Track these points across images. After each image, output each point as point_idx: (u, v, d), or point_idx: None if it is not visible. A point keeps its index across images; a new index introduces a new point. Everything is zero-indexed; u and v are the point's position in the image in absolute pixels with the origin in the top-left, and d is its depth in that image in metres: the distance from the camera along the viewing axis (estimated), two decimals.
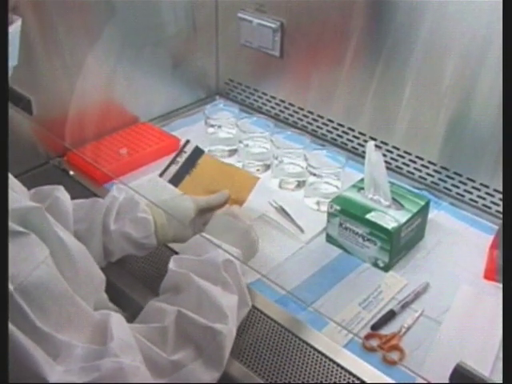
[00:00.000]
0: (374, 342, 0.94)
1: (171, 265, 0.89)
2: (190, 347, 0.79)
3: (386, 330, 0.97)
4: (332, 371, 0.87)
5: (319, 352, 0.89)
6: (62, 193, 0.99)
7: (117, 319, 0.73)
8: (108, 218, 0.98)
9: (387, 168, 1.13)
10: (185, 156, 1.19)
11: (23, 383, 0.65)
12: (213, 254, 0.89)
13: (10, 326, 0.62)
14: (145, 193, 1.00)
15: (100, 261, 0.97)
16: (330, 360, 0.88)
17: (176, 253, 1.03)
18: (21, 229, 0.66)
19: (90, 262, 0.78)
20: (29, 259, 0.65)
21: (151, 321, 0.80)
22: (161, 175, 1.18)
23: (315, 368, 0.87)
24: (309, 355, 0.89)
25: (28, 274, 0.64)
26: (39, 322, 0.64)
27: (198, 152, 1.20)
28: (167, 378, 0.75)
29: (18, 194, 0.79)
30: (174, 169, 1.18)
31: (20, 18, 0.79)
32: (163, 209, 1.00)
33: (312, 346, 0.90)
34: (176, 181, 1.17)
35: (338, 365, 0.88)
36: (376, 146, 1.18)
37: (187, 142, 1.21)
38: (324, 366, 0.87)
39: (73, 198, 1.17)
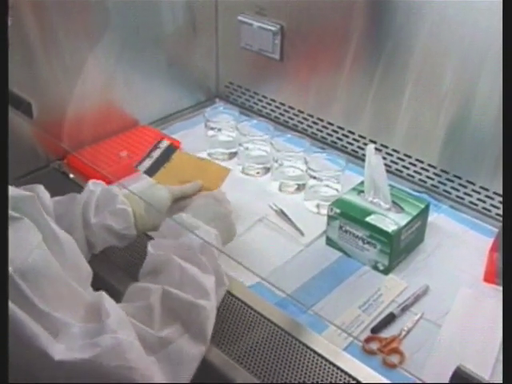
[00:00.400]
0: (374, 345, 0.94)
1: (150, 249, 0.92)
2: (177, 323, 0.81)
3: (385, 333, 0.97)
4: (332, 374, 0.86)
5: (319, 355, 0.89)
6: (41, 191, 1.01)
7: (108, 298, 0.76)
8: (88, 212, 0.99)
9: (387, 171, 1.13)
10: (159, 151, 1.23)
11: (27, 361, 0.67)
12: (189, 237, 0.92)
13: (13, 307, 0.64)
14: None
15: (85, 255, 0.97)
16: (330, 363, 0.88)
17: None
18: (15, 214, 0.69)
19: (78, 253, 0.80)
20: (24, 243, 0.68)
21: (136, 300, 0.83)
22: (137, 166, 1.20)
23: (315, 371, 0.87)
24: (309, 358, 0.89)
25: (25, 257, 0.67)
26: (39, 302, 0.67)
27: (171, 149, 1.25)
28: (157, 354, 0.77)
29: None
30: (148, 162, 1.21)
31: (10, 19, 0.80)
32: (142, 198, 1.03)
33: (312, 349, 0.90)
34: (151, 173, 1.20)
35: (338, 368, 0.87)
36: (376, 148, 1.18)
37: (161, 140, 1.26)
38: (324, 368, 0.87)
39: None
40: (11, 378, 0.64)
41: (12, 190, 0.71)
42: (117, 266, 1.06)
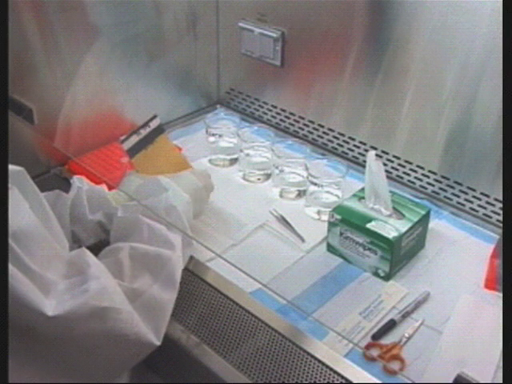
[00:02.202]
0: (375, 352, 0.94)
1: (119, 213, 0.98)
2: (146, 275, 0.87)
3: (386, 340, 0.97)
4: (333, 381, 0.86)
5: (320, 361, 0.89)
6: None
7: (88, 252, 0.83)
8: (80, 208, 1.04)
9: (388, 177, 1.13)
10: (148, 130, 1.22)
11: (24, 318, 0.72)
12: (155, 199, 1.00)
13: (11, 267, 0.69)
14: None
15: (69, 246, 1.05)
16: (331, 369, 0.88)
17: None
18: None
19: (59, 230, 0.86)
20: (16, 210, 0.73)
21: (106, 258, 0.89)
22: (122, 142, 1.20)
23: (316, 377, 0.87)
24: (309, 364, 0.89)
25: (18, 222, 0.73)
26: (31, 263, 0.72)
27: (159, 130, 1.24)
28: (132, 304, 0.82)
29: None
30: (135, 139, 1.20)
31: None
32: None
33: (312, 356, 0.90)
34: (134, 151, 1.20)
35: (339, 374, 0.87)
36: (377, 155, 1.18)
37: (154, 116, 1.24)
38: (325, 375, 0.87)
39: None
40: (11, 338, 0.69)
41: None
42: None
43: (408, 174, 1.33)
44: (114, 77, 1.40)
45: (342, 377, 0.87)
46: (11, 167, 0.78)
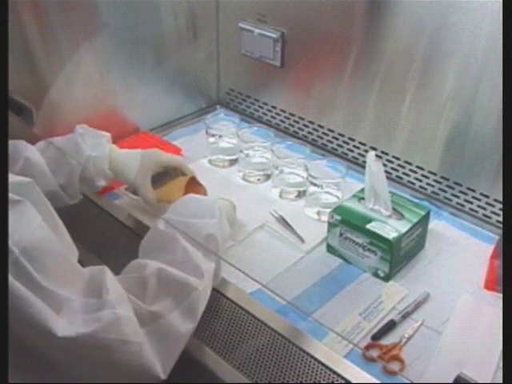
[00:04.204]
0: (375, 353, 0.94)
1: (160, 225, 0.94)
2: (168, 299, 0.84)
3: (386, 340, 0.97)
4: (332, 381, 0.86)
5: (319, 362, 0.89)
6: (31, 152, 1.06)
7: (109, 274, 0.79)
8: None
9: (388, 178, 1.13)
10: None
11: (32, 338, 0.71)
12: (200, 223, 0.95)
13: (18, 285, 0.67)
14: None
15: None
16: (331, 370, 0.88)
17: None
18: (16, 197, 0.71)
19: (68, 236, 0.83)
20: (27, 224, 0.71)
21: (132, 273, 0.86)
22: None
23: (316, 378, 0.87)
24: (309, 365, 0.89)
25: (29, 238, 0.70)
26: (43, 280, 0.70)
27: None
28: (147, 327, 0.80)
29: None
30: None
31: None
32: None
33: (312, 356, 0.90)
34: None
35: (339, 375, 0.87)
36: (376, 155, 1.18)
37: None
38: (324, 376, 0.87)
39: (75, 207, 1.17)
40: (17, 355, 0.69)
41: (12, 177, 0.74)
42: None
43: (408, 175, 1.33)
44: (114, 77, 1.40)
45: (342, 377, 0.87)
46: (20, 178, 0.75)
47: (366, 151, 1.34)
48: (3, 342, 0.65)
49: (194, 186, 1.22)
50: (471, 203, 1.24)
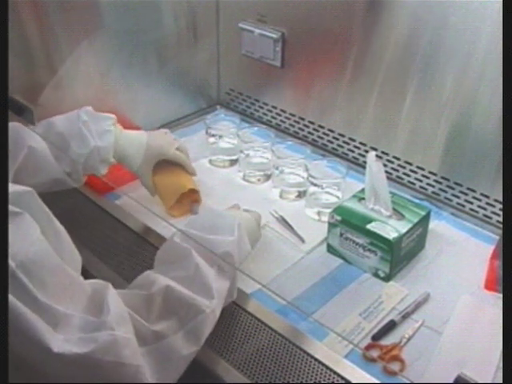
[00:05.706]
0: (375, 353, 0.94)
1: (176, 237, 0.91)
2: (173, 319, 0.81)
3: (386, 341, 0.97)
4: (332, 381, 0.86)
5: (320, 362, 0.89)
6: (34, 140, 1.04)
7: (112, 291, 0.77)
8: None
9: (388, 178, 1.13)
10: None
11: (27, 353, 0.69)
12: (218, 239, 0.91)
13: (14, 301, 0.65)
14: None
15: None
16: (331, 370, 0.88)
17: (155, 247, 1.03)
18: (16, 209, 0.69)
19: (71, 243, 0.81)
20: (25, 237, 0.69)
21: (140, 289, 0.84)
22: None
23: (316, 378, 0.87)
24: (309, 365, 0.89)
25: (26, 251, 0.67)
26: (40, 294, 0.68)
27: None
28: (148, 346, 0.78)
29: None
30: None
31: None
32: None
33: (312, 356, 0.90)
34: None
35: (339, 375, 0.87)
36: (377, 156, 1.18)
37: None
38: (325, 376, 0.87)
39: (75, 208, 1.17)
40: (13, 369, 0.66)
41: (11, 186, 0.72)
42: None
43: (408, 175, 1.33)
44: (115, 78, 1.40)
45: (342, 377, 0.87)
46: (19, 187, 0.71)
47: (367, 151, 1.34)
48: (3, 342, 0.64)
49: (190, 194, 1.25)
50: (471, 203, 1.24)
